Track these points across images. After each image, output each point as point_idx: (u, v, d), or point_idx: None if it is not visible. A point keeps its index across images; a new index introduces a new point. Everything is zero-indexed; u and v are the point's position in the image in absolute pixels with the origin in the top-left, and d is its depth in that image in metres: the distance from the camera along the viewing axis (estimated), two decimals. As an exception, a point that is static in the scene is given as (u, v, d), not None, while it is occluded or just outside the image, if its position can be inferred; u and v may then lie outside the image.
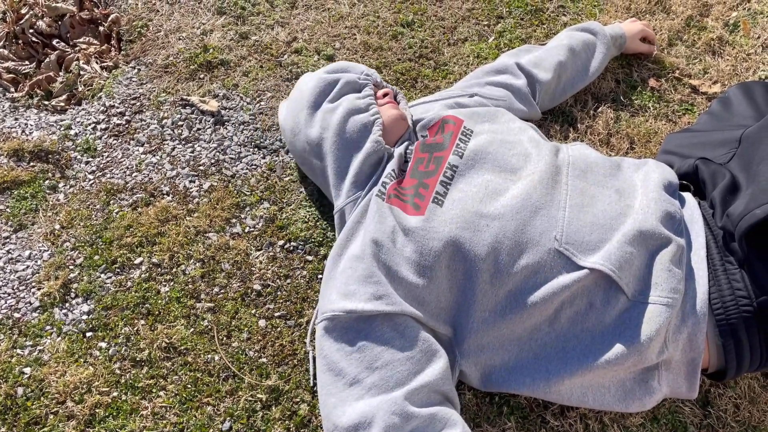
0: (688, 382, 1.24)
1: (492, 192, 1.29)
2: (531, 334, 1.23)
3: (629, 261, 1.20)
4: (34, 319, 1.53)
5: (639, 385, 1.23)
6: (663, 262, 1.21)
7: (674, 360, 1.22)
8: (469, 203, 1.28)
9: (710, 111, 1.66)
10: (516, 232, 1.23)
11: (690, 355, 1.22)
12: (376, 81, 1.57)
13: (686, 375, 1.24)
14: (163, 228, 1.66)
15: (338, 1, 2.21)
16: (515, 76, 1.68)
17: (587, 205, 1.28)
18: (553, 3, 2.17)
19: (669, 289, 1.18)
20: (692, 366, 1.22)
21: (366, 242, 1.29)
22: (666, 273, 1.20)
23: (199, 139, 1.86)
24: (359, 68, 1.57)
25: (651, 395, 1.23)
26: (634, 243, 1.21)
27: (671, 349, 1.20)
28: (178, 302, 1.55)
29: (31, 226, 1.69)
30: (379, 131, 1.43)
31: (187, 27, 2.14)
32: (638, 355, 1.17)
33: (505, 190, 1.30)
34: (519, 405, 1.38)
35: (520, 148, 1.39)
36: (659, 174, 1.38)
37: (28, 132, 1.88)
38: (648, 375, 1.23)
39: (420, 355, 1.20)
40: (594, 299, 1.21)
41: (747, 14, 2.07)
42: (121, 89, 1.98)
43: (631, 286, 1.20)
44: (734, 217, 1.20)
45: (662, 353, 1.19)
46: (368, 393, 1.16)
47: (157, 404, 1.40)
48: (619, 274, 1.18)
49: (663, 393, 1.24)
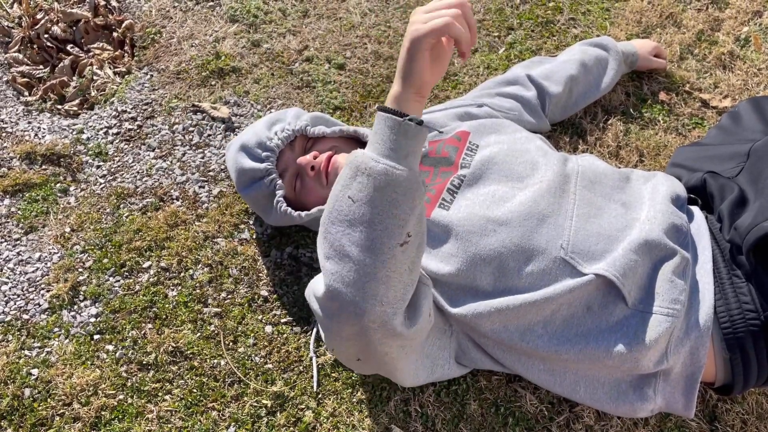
0: (685, 397, 1.23)
1: (499, 199, 1.30)
2: (522, 335, 1.23)
3: (633, 269, 1.20)
4: (42, 321, 1.54)
5: (634, 390, 1.23)
6: (666, 273, 1.21)
7: (674, 372, 1.22)
8: (476, 209, 1.28)
9: (720, 125, 1.66)
10: (522, 239, 1.23)
11: (690, 369, 1.21)
12: (313, 133, 1.51)
13: (684, 390, 1.23)
14: (172, 232, 1.67)
15: (350, 11, 2.22)
16: (525, 87, 1.69)
17: (594, 215, 1.28)
18: (563, 15, 2.18)
19: (670, 299, 1.18)
20: (691, 381, 1.22)
21: None
22: (668, 284, 1.19)
23: (210, 145, 1.87)
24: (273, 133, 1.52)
25: (644, 403, 1.23)
26: (638, 252, 1.21)
27: (672, 360, 1.19)
28: (186, 306, 1.55)
29: (41, 229, 1.70)
30: (283, 205, 1.46)
31: (199, 34, 2.16)
32: (633, 361, 1.17)
33: (512, 197, 1.30)
34: (524, 416, 1.38)
35: (527, 156, 1.39)
36: (667, 187, 1.38)
37: (41, 135, 1.90)
38: (645, 382, 1.22)
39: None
40: (592, 303, 1.21)
41: (758, 29, 2.07)
42: (134, 94, 2.00)
43: (632, 294, 1.20)
44: (742, 230, 1.19)
45: (661, 363, 1.19)
46: None
47: (163, 408, 1.41)
48: (623, 281, 1.18)
49: (657, 404, 1.24)
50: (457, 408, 1.39)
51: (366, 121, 1.91)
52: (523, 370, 1.28)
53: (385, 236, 1.02)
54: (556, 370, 1.26)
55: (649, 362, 1.18)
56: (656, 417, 1.36)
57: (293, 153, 1.50)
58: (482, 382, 1.42)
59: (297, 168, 1.47)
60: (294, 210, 1.47)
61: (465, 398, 1.40)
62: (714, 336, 1.21)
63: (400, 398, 1.40)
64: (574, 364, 1.23)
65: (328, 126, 1.55)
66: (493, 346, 1.29)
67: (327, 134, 1.50)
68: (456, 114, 1.56)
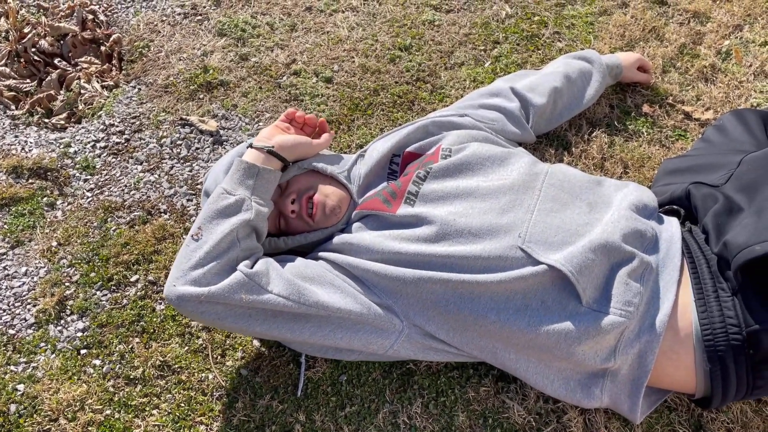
0: (630, 400, 1.28)
1: (462, 192, 1.38)
2: (476, 320, 1.28)
3: (590, 267, 1.24)
4: (28, 336, 1.53)
5: (582, 389, 1.29)
6: (622, 276, 1.25)
7: (621, 374, 1.27)
8: (439, 202, 1.37)
9: (705, 138, 1.68)
10: (481, 229, 1.30)
11: (636, 373, 1.26)
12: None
13: (629, 393, 1.27)
14: (160, 246, 1.67)
15: (337, 25, 2.24)
16: (508, 99, 1.71)
17: (556, 210, 1.35)
18: (548, 29, 2.20)
19: (624, 301, 1.22)
20: (636, 385, 1.26)
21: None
22: (623, 286, 1.24)
23: (198, 158, 1.87)
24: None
25: (590, 400, 1.29)
26: (597, 252, 1.25)
27: (620, 360, 1.24)
28: (173, 320, 1.55)
29: (28, 243, 1.70)
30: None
31: (187, 48, 2.17)
32: (581, 354, 1.23)
33: (475, 189, 1.38)
34: (512, 427, 1.38)
35: (497, 153, 1.47)
36: (636, 195, 1.42)
37: (28, 149, 1.90)
38: (593, 381, 1.28)
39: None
40: (547, 298, 1.25)
41: (739, 42, 2.11)
42: (121, 108, 2.00)
43: (588, 292, 1.24)
44: (732, 247, 1.20)
45: (609, 361, 1.23)
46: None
47: (150, 423, 1.40)
48: (578, 277, 1.22)
49: (604, 403, 1.30)
50: (446, 420, 1.40)
51: (354, 134, 1.92)
52: (478, 352, 1.34)
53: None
54: (508, 355, 1.32)
55: (596, 357, 1.23)
56: (643, 426, 1.37)
57: None
58: (470, 393, 1.42)
59: (278, 212, 1.49)
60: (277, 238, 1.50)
61: (453, 410, 1.40)
62: (696, 347, 1.22)
63: (388, 410, 1.41)
64: (525, 351, 1.29)
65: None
66: (447, 330, 1.33)
67: (296, 174, 1.50)
68: (437, 124, 1.58)
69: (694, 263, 1.30)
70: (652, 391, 1.32)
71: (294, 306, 1.26)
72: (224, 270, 1.26)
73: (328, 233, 1.45)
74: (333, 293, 1.31)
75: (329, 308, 1.28)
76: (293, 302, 1.26)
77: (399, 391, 1.44)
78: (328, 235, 1.45)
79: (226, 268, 1.27)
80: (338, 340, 1.32)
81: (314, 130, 1.56)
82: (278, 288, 1.26)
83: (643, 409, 1.29)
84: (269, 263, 1.32)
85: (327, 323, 1.31)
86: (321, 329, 1.31)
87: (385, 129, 1.93)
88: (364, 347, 1.34)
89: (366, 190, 1.52)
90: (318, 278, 1.33)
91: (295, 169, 1.48)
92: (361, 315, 1.30)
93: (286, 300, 1.26)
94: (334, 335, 1.31)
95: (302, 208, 1.44)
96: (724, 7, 2.22)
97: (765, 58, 2.03)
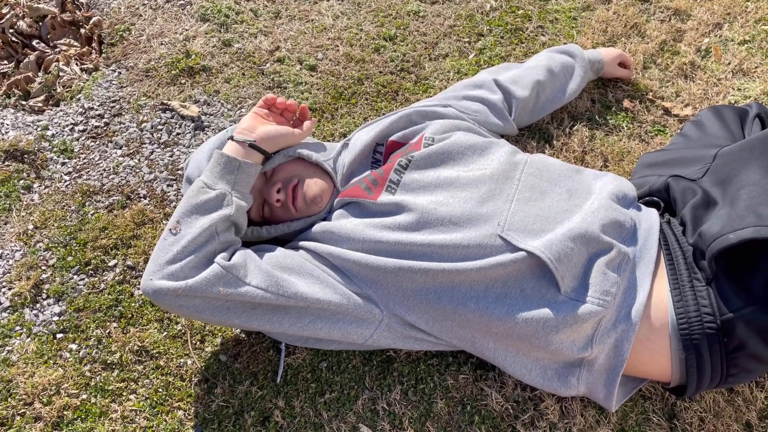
0: (606, 389, 1.30)
1: (443, 182, 1.39)
2: (456, 309, 1.29)
3: (568, 255, 1.25)
4: (3, 319, 1.50)
5: (559, 378, 1.31)
6: (600, 265, 1.27)
7: (597, 363, 1.28)
8: (420, 192, 1.38)
9: (683, 133, 1.70)
10: (461, 218, 1.31)
11: (613, 362, 1.27)
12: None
13: (605, 382, 1.29)
14: (139, 231, 1.65)
15: (322, 13, 2.23)
16: (491, 91, 1.72)
17: (535, 199, 1.36)
18: (532, 23, 2.22)
19: (601, 291, 1.24)
20: (612, 374, 1.28)
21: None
22: (601, 276, 1.26)
23: (179, 143, 1.86)
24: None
25: (567, 389, 1.31)
26: (576, 241, 1.27)
27: (596, 349, 1.25)
28: (152, 305, 1.53)
29: (3, 226, 1.67)
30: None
31: (169, 32, 2.14)
32: (558, 343, 1.24)
33: (456, 179, 1.39)
34: (490, 414, 1.39)
35: (478, 143, 1.48)
36: (615, 185, 1.44)
37: (4, 131, 1.86)
38: (569, 371, 1.30)
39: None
40: (526, 286, 1.27)
41: (718, 41, 2.14)
42: (101, 92, 1.97)
43: (566, 281, 1.25)
44: (707, 237, 1.22)
45: (585, 350, 1.25)
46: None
47: (127, 407, 1.39)
48: (557, 265, 1.24)
49: (580, 391, 1.33)
50: (424, 406, 1.40)
51: (337, 122, 1.91)
52: (458, 341, 1.35)
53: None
54: (486, 344, 1.33)
55: (573, 346, 1.25)
56: (618, 414, 1.39)
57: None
58: (449, 380, 1.43)
59: (262, 200, 1.48)
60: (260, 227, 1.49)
61: (432, 397, 1.41)
62: (671, 336, 1.24)
63: (367, 397, 1.41)
64: (503, 340, 1.30)
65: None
66: (426, 319, 1.33)
67: (282, 162, 1.49)
68: (420, 114, 1.59)
69: (671, 254, 1.32)
70: (627, 380, 1.34)
71: (272, 298, 1.26)
72: (201, 263, 1.25)
73: (310, 222, 1.45)
74: (312, 284, 1.30)
75: (308, 299, 1.28)
76: (272, 294, 1.26)
77: (378, 378, 1.44)
78: (311, 223, 1.45)
79: (204, 261, 1.26)
80: (317, 330, 1.32)
81: (294, 116, 1.55)
82: (256, 280, 1.26)
83: (618, 398, 1.31)
84: (247, 255, 1.31)
85: (306, 314, 1.31)
86: (300, 320, 1.31)
87: (368, 118, 1.92)
88: (343, 337, 1.34)
89: (350, 179, 1.52)
90: (297, 269, 1.32)
91: (281, 157, 1.47)
92: (341, 305, 1.30)
93: (265, 292, 1.25)
94: (314, 326, 1.31)
95: (288, 197, 1.44)
96: (705, 5, 2.26)
97: (743, 56, 2.07)
